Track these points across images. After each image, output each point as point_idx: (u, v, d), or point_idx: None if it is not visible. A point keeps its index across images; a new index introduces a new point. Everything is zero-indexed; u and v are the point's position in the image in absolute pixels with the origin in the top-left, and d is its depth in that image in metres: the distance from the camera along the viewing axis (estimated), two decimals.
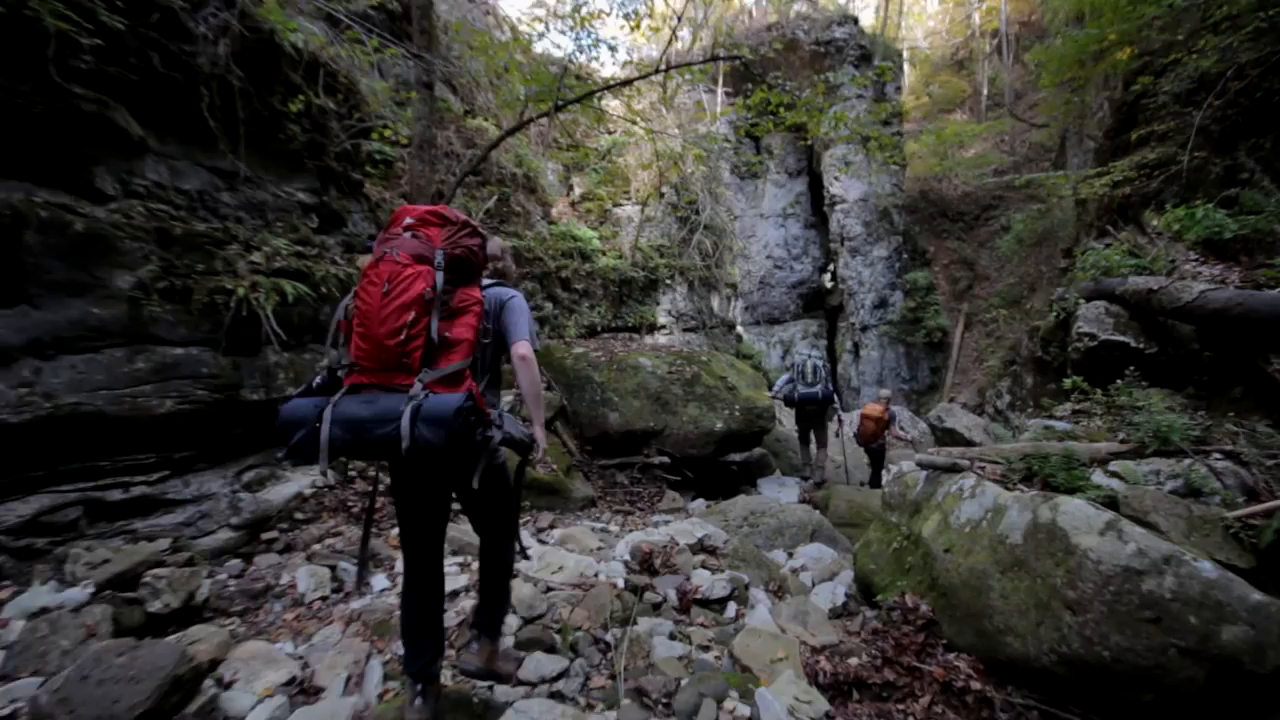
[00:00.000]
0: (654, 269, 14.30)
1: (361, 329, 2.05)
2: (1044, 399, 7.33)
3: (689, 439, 7.01)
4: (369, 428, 1.92)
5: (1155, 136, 9.49)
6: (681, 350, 7.92)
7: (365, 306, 2.04)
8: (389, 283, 2.01)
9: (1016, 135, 24.59)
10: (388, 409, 1.92)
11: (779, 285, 22.60)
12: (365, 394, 2.01)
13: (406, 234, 2.14)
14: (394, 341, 1.99)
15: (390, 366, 2.02)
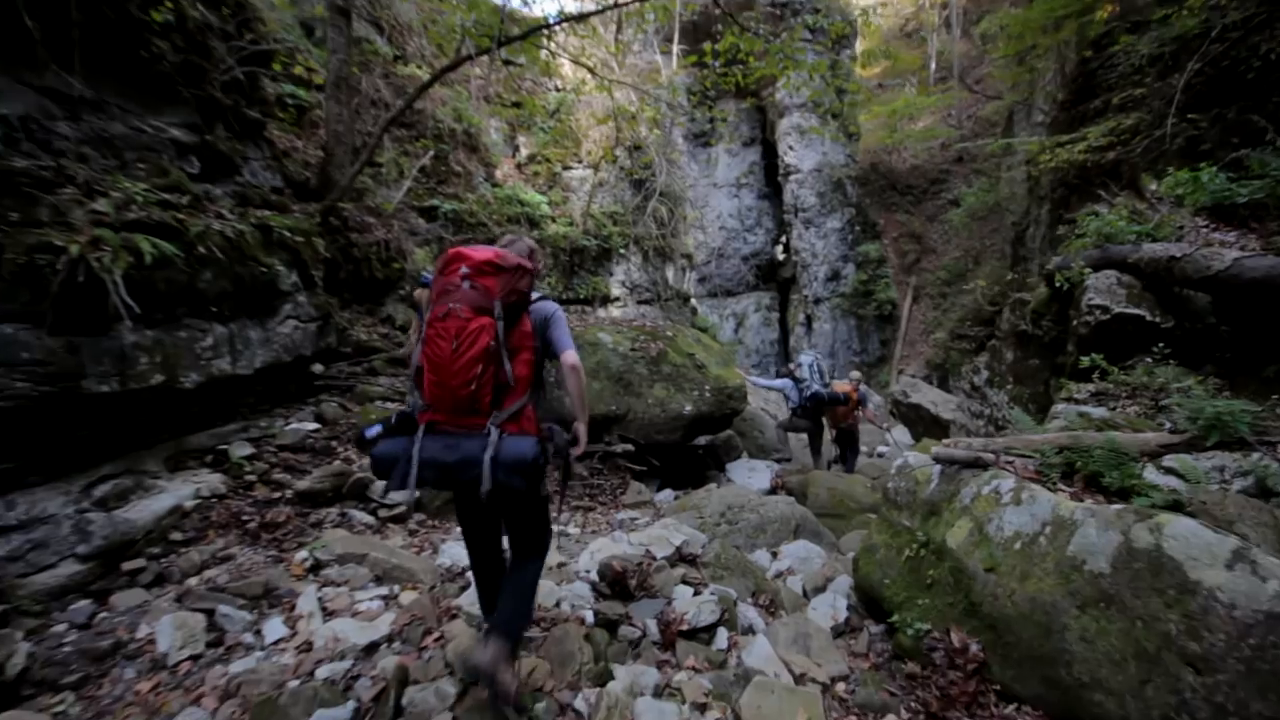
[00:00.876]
0: (607, 237, 13.30)
1: (435, 378, 2.18)
2: (1025, 376, 6.86)
3: (655, 424, 6.19)
4: (454, 472, 2.14)
5: (1129, 102, 9.10)
6: (644, 325, 7.05)
7: (437, 359, 2.17)
8: (457, 338, 2.15)
9: (963, 109, 24.45)
10: (469, 453, 2.12)
11: (732, 257, 21.91)
12: (445, 437, 2.18)
13: (465, 284, 2.22)
14: (466, 392, 2.15)
15: (463, 411, 2.19)
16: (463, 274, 2.23)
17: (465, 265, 2.24)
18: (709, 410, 6.38)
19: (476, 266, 2.24)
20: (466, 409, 2.18)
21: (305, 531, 4.08)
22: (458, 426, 2.18)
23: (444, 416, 2.20)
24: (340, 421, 5.29)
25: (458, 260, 2.27)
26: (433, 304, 2.25)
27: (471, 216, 10.99)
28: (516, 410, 2.27)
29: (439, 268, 2.32)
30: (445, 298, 2.22)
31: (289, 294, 5.30)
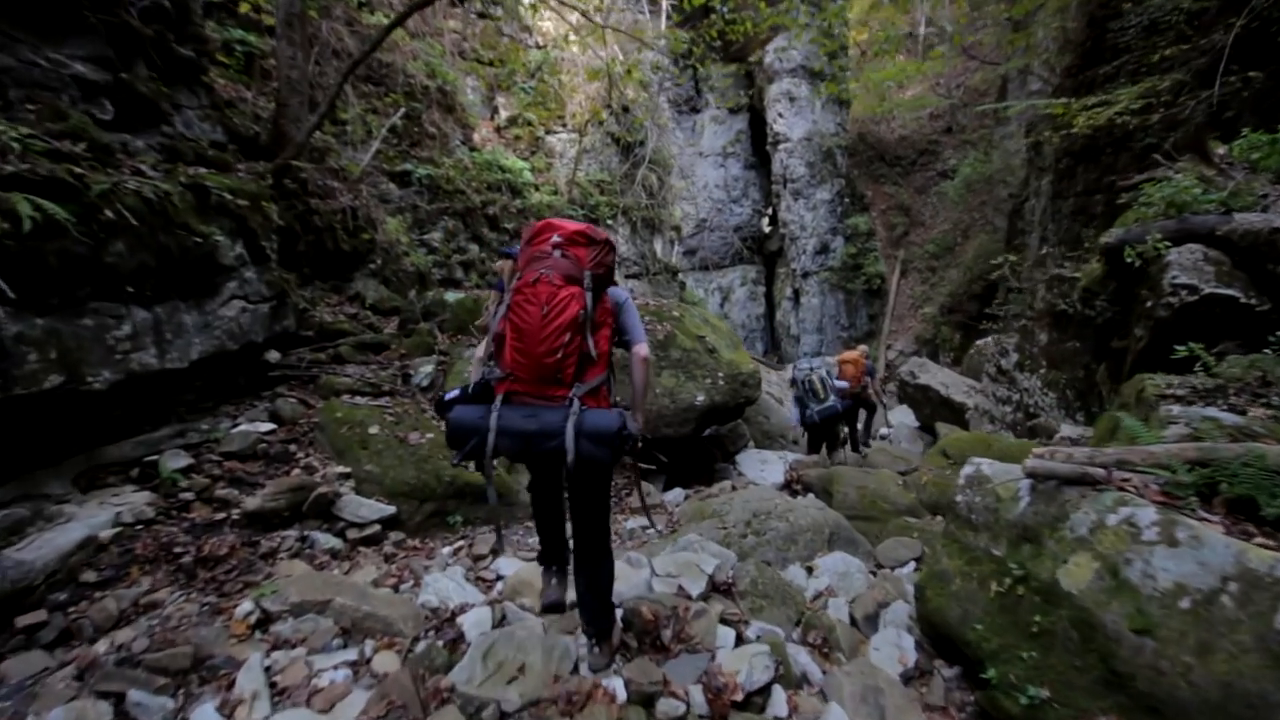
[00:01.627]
0: (594, 207, 12.36)
1: (519, 344, 2.09)
2: (1061, 360, 6.25)
3: (663, 416, 5.44)
4: (536, 441, 2.03)
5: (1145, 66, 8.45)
6: (648, 303, 6.26)
7: (524, 325, 2.08)
8: (547, 304, 2.07)
9: (953, 78, 23.69)
10: (550, 424, 2.01)
11: (718, 228, 21.04)
12: (525, 406, 2.08)
13: (556, 253, 2.17)
14: (552, 360, 2.07)
15: (546, 380, 2.09)
16: (554, 242, 2.18)
17: (558, 234, 2.20)
18: (723, 400, 5.65)
19: (569, 236, 2.20)
20: (550, 378, 2.09)
21: (254, 566, 3.27)
22: (538, 397, 2.09)
23: (524, 386, 2.11)
24: (300, 421, 4.44)
25: (548, 230, 2.24)
26: (522, 271, 2.18)
27: (449, 183, 10.00)
28: (597, 385, 2.18)
29: (528, 237, 2.27)
30: (536, 264, 2.15)
31: (233, 269, 4.39)
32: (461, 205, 10.24)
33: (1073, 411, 5.97)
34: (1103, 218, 11.78)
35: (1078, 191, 12.18)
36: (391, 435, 4.30)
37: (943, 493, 5.13)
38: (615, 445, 2.03)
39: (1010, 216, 15.23)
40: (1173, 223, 4.47)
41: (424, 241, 9.53)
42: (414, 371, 5.20)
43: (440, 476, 4.18)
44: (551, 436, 2.00)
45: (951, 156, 21.84)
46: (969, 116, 22.45)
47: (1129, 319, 4.80)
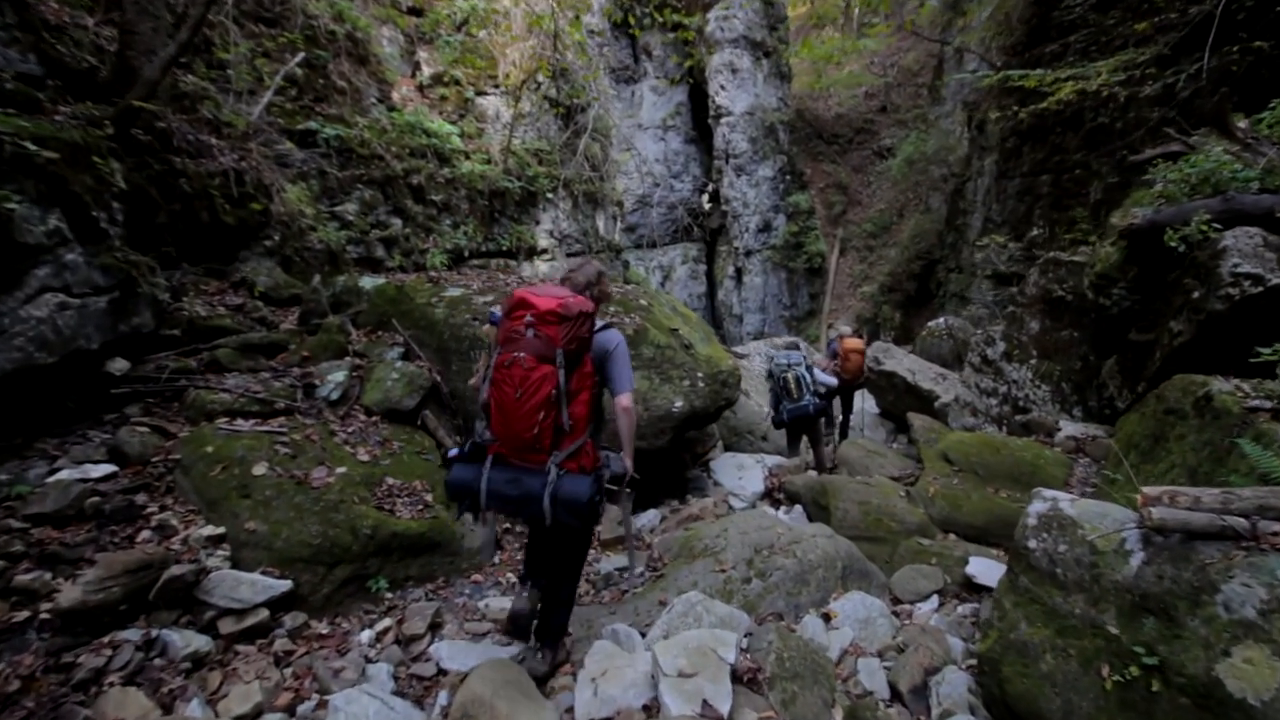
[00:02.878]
0: (533, 179, 11.09)
1: (500, 418, 2.26)
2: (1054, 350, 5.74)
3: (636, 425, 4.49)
4: (517, 505, 2.31)
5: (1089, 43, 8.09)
6: (614, 293, 5.26)
7: (502, 402, 2.25)
8: (520, 387, 2.20)
9: (886, 57, 23.52)
10: (530, 490, 2.23)
11: (659, 205, 20.07)
12: (509, 470, 2.29)
13: (529, 332, 2.22)
14: (529, 434, 2.22)
15: (525, 449, 2.26)
16: (527, 322, 2.24)
17: (530, 314, 2.24)
18: (704, 405, 4.76)
19: (540, 316, 2.24)
20: (529, 448, 2.25)
21: (62, 708, 2.12)
22: (522, 461, 2.28)
23: (508, 451, 2.29)
24: (155, 459, 3.19)
25: (523, 307, 2.27)
26: (501, 348, 2.29)
27: (364, 146, 8.53)
28: (575, 450, 2.35)
29: (505, 311, 2.33)
30: (510, 345, 2.26)
31: (45, 250, 3.07)
32: (380, 173, 8.81)
33: (1069, 406, 5.46)
34: (1048, 198, 11.66)
35: (1023, 172, 11.99)
36: (286, 476, 3.15)
37: (955, 508, 4.46)
38: (585, 514, 2.25)
39: (951, 196, 15.04)
40: (1215, 201, 3.89)
41: (336, 214, 8.09)
42: (320, 381, 4.00)
43: (357, 528, 3.09)
44: (533, 502, 2.21)
45: (887, 136, 21.70)
46: (903, 96, 22.35)
47: (1158, 310, 4.22)
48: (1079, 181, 10.39)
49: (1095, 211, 9.91)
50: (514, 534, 4.12)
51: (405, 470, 3.70)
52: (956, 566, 3.99)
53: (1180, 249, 3.80)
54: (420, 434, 4.14)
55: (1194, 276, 3.77)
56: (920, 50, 22.14)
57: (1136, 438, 3.96)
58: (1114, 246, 4.61)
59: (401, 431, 4.05)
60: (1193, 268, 3.79)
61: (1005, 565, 3.97)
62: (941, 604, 3.82)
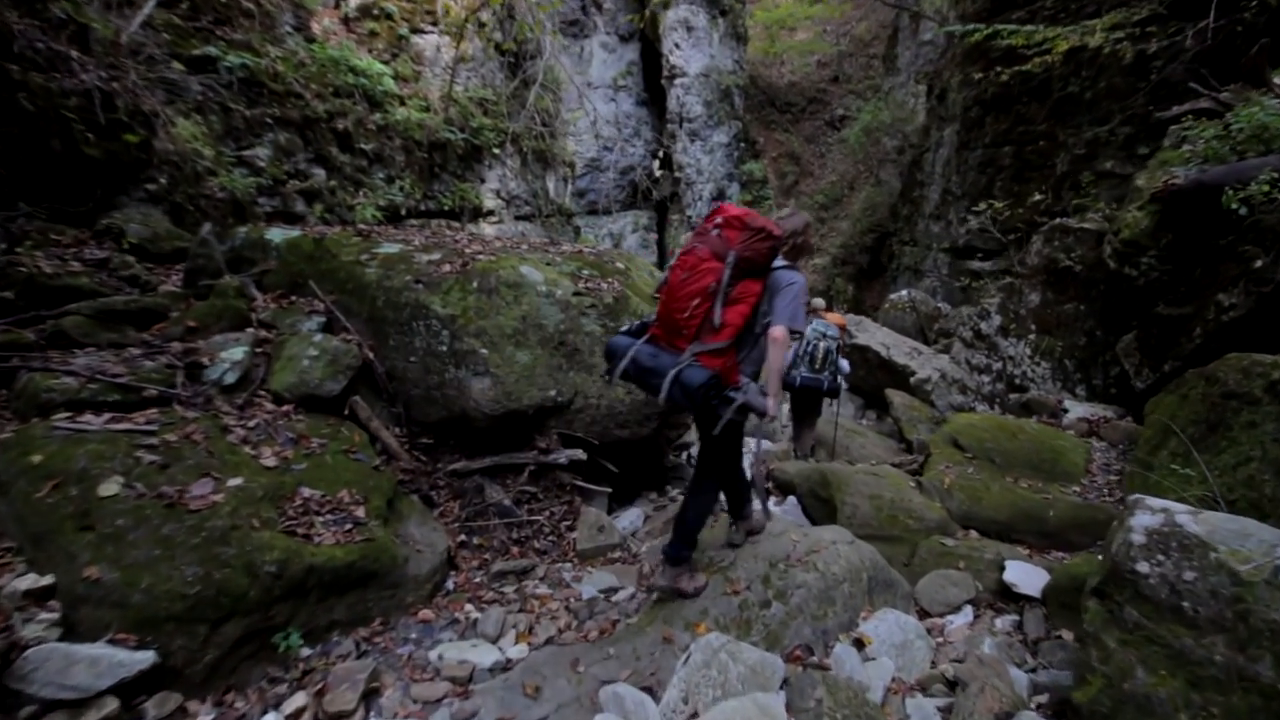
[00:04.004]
0: (477, 130, 9.93)
1: (664, 299, 2.48)
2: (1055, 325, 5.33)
3: (617, 413, 3.73)
4: (646, 375, 2.42)
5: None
6: (586, 253, 4.38)
7: (671, 282, 2.44)
8: (688, 271, 2.40)
9: (839, 26, 23.00)
10: (661, 366, 2.37)
11: (609, 169, 19.03)
12: (654, 348, 2.46)
13: (714, 231, 2.44)
14: (680, 316, 2.39)
15: (673, 333, 2.43)
16: (716, 223, 2.47)
17: (721, 217, 2.47)
18: None
19: (727, 220, 2.46)
20: (676, 331, 2.43)
21: None
22: (667, 343, 2.46)
23: (660, 332, 2.50)
24: None
25: (718, 213, 2.50)
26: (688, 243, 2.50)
27: (278, 81, 7.24)
28: (715, 349, 2.39)
29: (705, 216, 2.55)
30: (695, 238, 2.49)
31: None
32: (298, 114, 7.53)
33: (1071, 384, 5.07)
34: (1010, 170, 11.42)
35: (986, 143, 11.68)
36: (150, 496, 2.22)
37: (975, 502, 3.95)
38: (695, 400, 2.32)
39: (909, 168, 14.73)
40: (1274, 158, 3.42)
41: (243, 159, 6.84)
42: (210, 359, 3.01)
43: (257, 565, 2.20)
44: (658, 376, 2.36)
45: (839, 106, 21.30)
46: (855, 66, 21.94)
47: (1200, 281, 3.77)
48: (1043, 153, 10.15)
49: (1059, 184, 9.69)
50: (469, 547, 3.31)
51: (328, 477, 2.82)
52: (988, 571, 3.46)
53: (1241, 212, 3.32)
54: (348, 427, 3.23)
55: (1258, 243, 3.30)
56: (873, 20, 21.72)
57: (1181, 423, 3.51)
58: (1143, 211, 4.13)
59: (323, 424, 3.13)
60: (1256, 233, 3.32)
61: (1044, 571, 3.50)
62: (976, 616, 3.28)
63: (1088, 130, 9.28)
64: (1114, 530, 2.40)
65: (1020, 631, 3.14)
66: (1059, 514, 3.78)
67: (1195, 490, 3.14)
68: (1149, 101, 8.31)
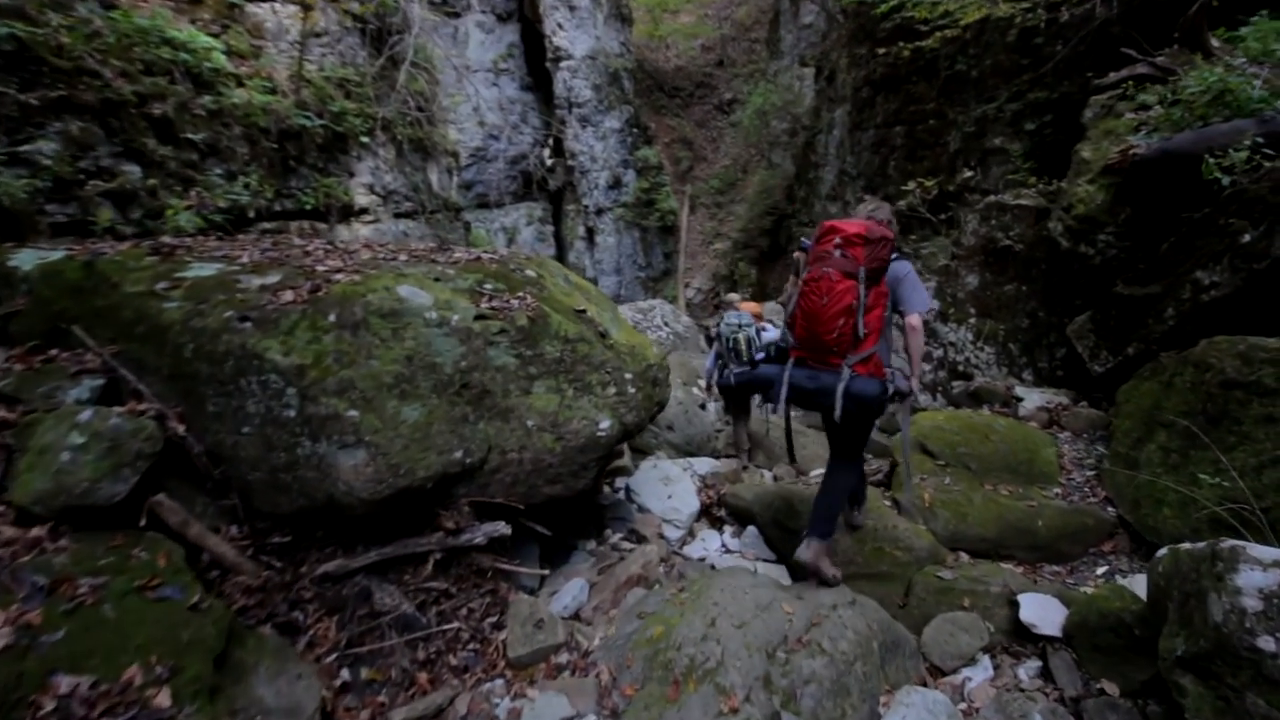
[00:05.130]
0: (339, 116, 8.46)
1: (805, 324, 2.64)
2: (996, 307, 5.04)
3: (545, 466, 2.86)
4: (813, 396, 2.68)
5: None
6: (486, 260, 3.39)
7: (810, 310, 2.61)
8: (826, 295, 2.56)
9: (720, 10, 22.82)
10: (826, 385, 2.61)
11: (496, 159, 17.68)
12: (808, 369, 2.69)
13: (837, 252, 2.59)
14: (830, 338, 2.59)
15: (823, 351, 2.64)
16: (836, 244, 2.61)
17: (839, 237, 2.60)
18: (636, 420, 3.22)
19: (848, 239, 2.58)
20: (828, 350, 2.62)
21: None
22: (818, 363, 2.66)
23: (808, 354, 2.69)
24: None
25: (832, 233, 2.65)
26: (810, 266, 2.66)
27: (62, 55, 5.59)
28: (866, 356, 2.63)
29: (815, 237, 2.73)
30: (820, 263, 2.63)
31: None
32: (95, 96, 5.89)
33: (1017, 369, 4.79)
34: (903, 149, 11.50)
35: (877, 123, 11.70)
36: None
37: (961, 519, 3.46)
38: (871, 407, 2.65)
39: (802, 149, 14.67)
40: (1249, 123, 3.14)
41: (19, 155, 5.24)
42: None
43: None
44: (826, 394, 2.59)
45: (726, 90, 21.16)
46: (739, 50, 21.86)
47: (1169, 258, 3.46)
48: (934, 132, 10.23)
49: (953, 162, 9.77)
50: (355, 689, 2.34)
51: (109, 644, 1.77)
52: (996, 607, 2.95)
53: (1224, 181, 3.00)
54: (150, 543, 2.14)
55: (1243, 215, 2.99)
56: (753, 4, 21.68)
57: (1169, 414, 3.19)
58: (1095, 185, 3.80)
59: (101, 549, 2.03)
60: (1240, 204, 3.01)
61: (1058, 602, 3.05)
62: (996, 669, 2.76)
63: (976, 108, 9.38)
64: (1203, 587, 1.89)
65: (1050, 683, 2.64)
66: (1047, 523, 3.38)
67: (1206, 493, 2.78)
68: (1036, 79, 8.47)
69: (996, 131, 9.03)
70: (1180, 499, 2.91)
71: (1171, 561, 2.22)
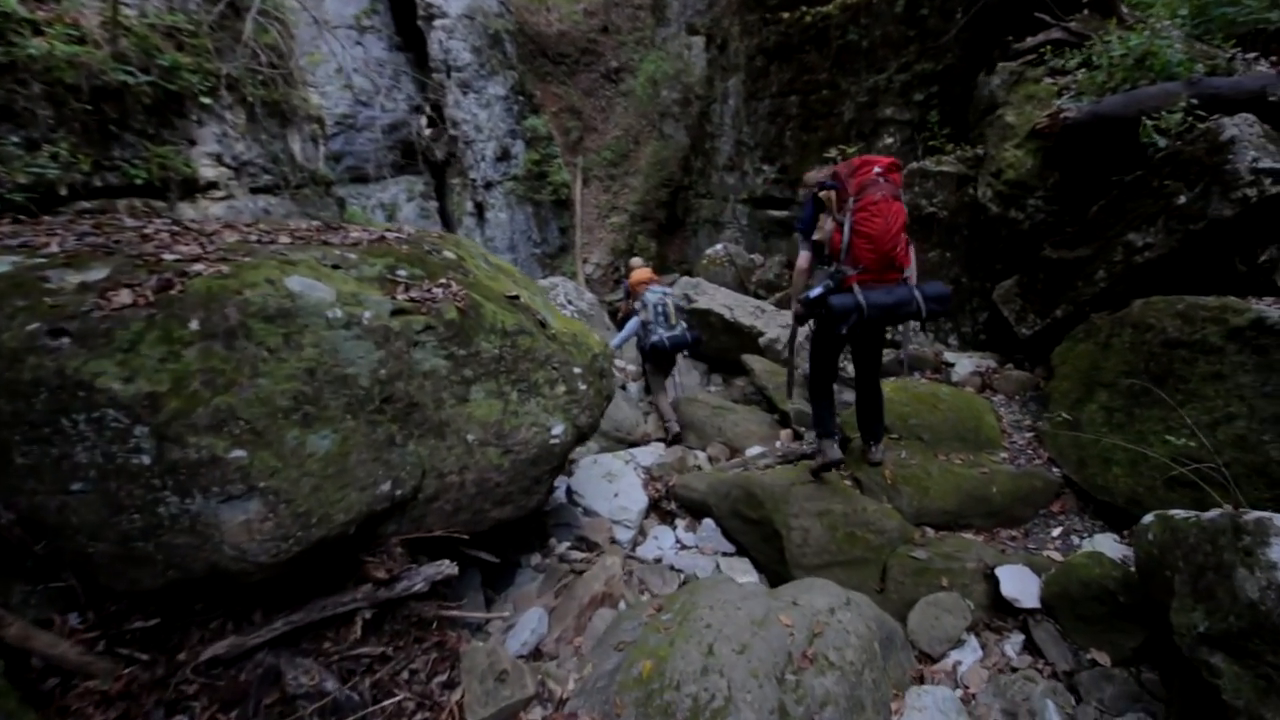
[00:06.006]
0: (171, 71, 7.05)
1: (871, 246, 2.82)
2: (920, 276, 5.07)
3: (492, 486, 2.38)
4: (895, 309, 2.84)
5: None
6: (393, 240, 2.74)
7: (876, 230, 2.80)
8: (888, 217, 2.80)
9: None
10: (902, 296, 2.83)
11: (368, 128, 16.05)
12: (878, 288, 2.84)
13: (881, 179, 2.86)
14: (896, 253, 2.85)
15: (887, 268, 2.86)
16: (876, 172, 2.86)
17: (877, 166, 2.89)
18: (590, 420, 2.81)
19: (886, 167, 2.89)
20: (890, 266, 2.86)
21: None
22: (882, 280, 2.86)
23: (871, 275, 2.85)
24: None
25: (867, 164, 2.91)
26: (861, 193, 2.85)
27: None
28: (912, 269, 2.95)
29: (849, 171, 2.93)
30: (873, 189, 2.84)
31: None
32: None
33: (943, 334, 4.87)
34: (798, 119, 11.62)
35: (773, 93, 11.71)
36: None
37: (924, 494, 3.39)
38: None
39: (698, 119, 14.51)
40: (1177, 86, 3.20)
41: None
42: None
43: None
44: (905, 304, 2.82)
45: (613, 58, 20.53)
46: (623, 17, 21.22)
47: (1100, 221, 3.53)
48: (828, 102, 10.39)
49: (847, 132, 9.97)
50: None
51: None
52: (973, 583, 2.90)
53: (1161, 144, 3.05)
54: None
55: (1178, 177, 3.06)
56: None
57: (1109, 375, 3.27)
58: (1023, 149, 3.82)
59: None
60: (1175, 166, 3.08)
61: (1030, 573, 3.04)
62: (983, 648, 2.70)
63: (867, 78, 9.61)
64: (1225, 561, 1.82)
65: (1039, 657, 2.60)
66: (1001, 489, 3.39)
67: (1160, 450, 2.84)
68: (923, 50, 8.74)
69: (887, 102, 9.30)
70: (1130, 457, 2.97)
71: (1163, 530, 2.17)
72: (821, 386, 3.36)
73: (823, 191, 2.99)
